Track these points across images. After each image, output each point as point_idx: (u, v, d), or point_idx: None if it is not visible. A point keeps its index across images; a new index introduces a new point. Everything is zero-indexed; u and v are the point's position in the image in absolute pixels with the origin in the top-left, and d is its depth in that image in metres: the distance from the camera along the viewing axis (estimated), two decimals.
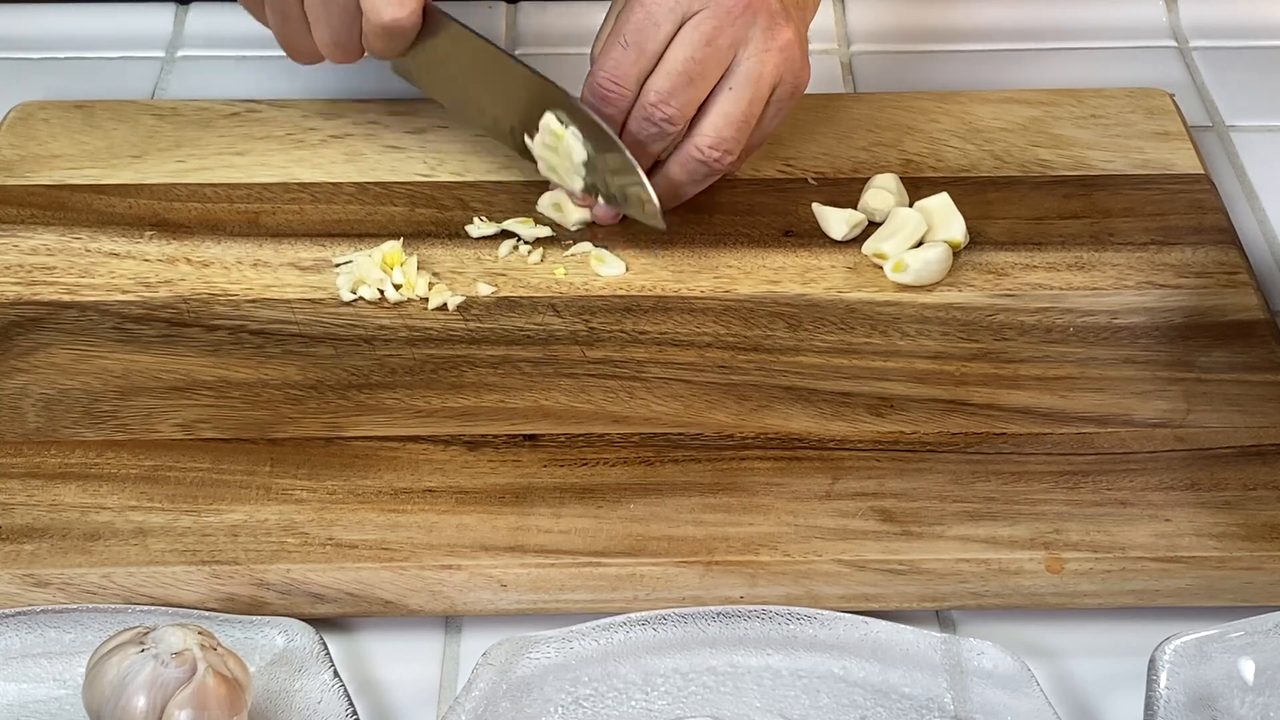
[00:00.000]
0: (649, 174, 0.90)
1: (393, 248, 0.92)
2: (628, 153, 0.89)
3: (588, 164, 0.90)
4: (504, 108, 0.93)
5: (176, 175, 0.99)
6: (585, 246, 0.93)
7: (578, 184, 0.91)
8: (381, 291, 0.90)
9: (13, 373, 0.86)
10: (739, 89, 0.89)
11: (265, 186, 0.98)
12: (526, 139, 0.92)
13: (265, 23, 0.93)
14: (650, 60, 0.89)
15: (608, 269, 0.91)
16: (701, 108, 0.89)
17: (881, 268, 0.92)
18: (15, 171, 0.99)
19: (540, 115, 0.91)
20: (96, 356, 0.87)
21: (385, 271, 0.91)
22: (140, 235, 0.94)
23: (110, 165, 0.99)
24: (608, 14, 0.93)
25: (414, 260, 0.91)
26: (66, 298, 0.90)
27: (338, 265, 0.92)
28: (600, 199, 0.92)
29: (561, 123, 0.90)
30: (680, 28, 0.88)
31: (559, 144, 0.90)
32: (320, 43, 0.91)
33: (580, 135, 0.90)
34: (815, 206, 0.95)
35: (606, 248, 0.92)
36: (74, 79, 1.12)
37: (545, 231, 0.93)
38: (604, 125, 0.89)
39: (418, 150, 1.00)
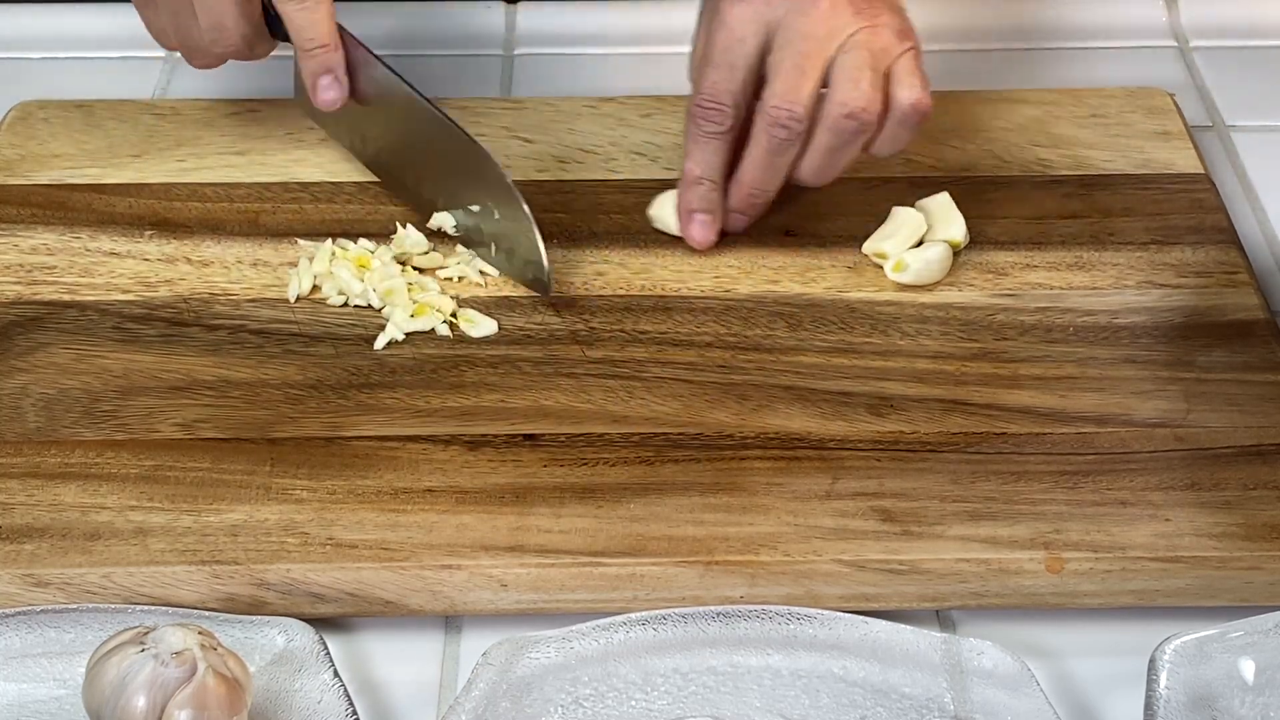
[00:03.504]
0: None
1: (359, 251, 0.92)
2: (532, 222, 0.89)
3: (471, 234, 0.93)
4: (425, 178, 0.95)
5: (176, 175, 0.99)
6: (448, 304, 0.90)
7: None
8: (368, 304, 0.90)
9: (13, 373, 0.86)
10: (852, 53, 0.88)
11: (265, 186, 0.98)
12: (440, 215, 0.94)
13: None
14: (744, 73, 0.90)
15: (479, 330, 0.89)
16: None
17: (881, 267, 0.92)
18: (15, 171, 0.99)
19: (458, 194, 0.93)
20: (96, 356, 0.87)
21: (357, 275, 0.90)
22: (140, 235, 0.94)
23: (110, 165, 1.00)
24: (696, 31, 0.93)
25: (393, 271, 0.91)
26: (66, 297, 0.90)
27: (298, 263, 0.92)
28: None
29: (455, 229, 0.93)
30: (768, 38, 0.89)
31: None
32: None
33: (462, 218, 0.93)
34: (653, 209, 0.95)
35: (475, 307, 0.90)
36: (74, 79, 1.12)
37: (418, 325, 0.89)
38: (515, 192, 0.90)
39: None
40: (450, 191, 0.93)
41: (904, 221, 0.93)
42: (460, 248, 0.93)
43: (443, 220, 0.93)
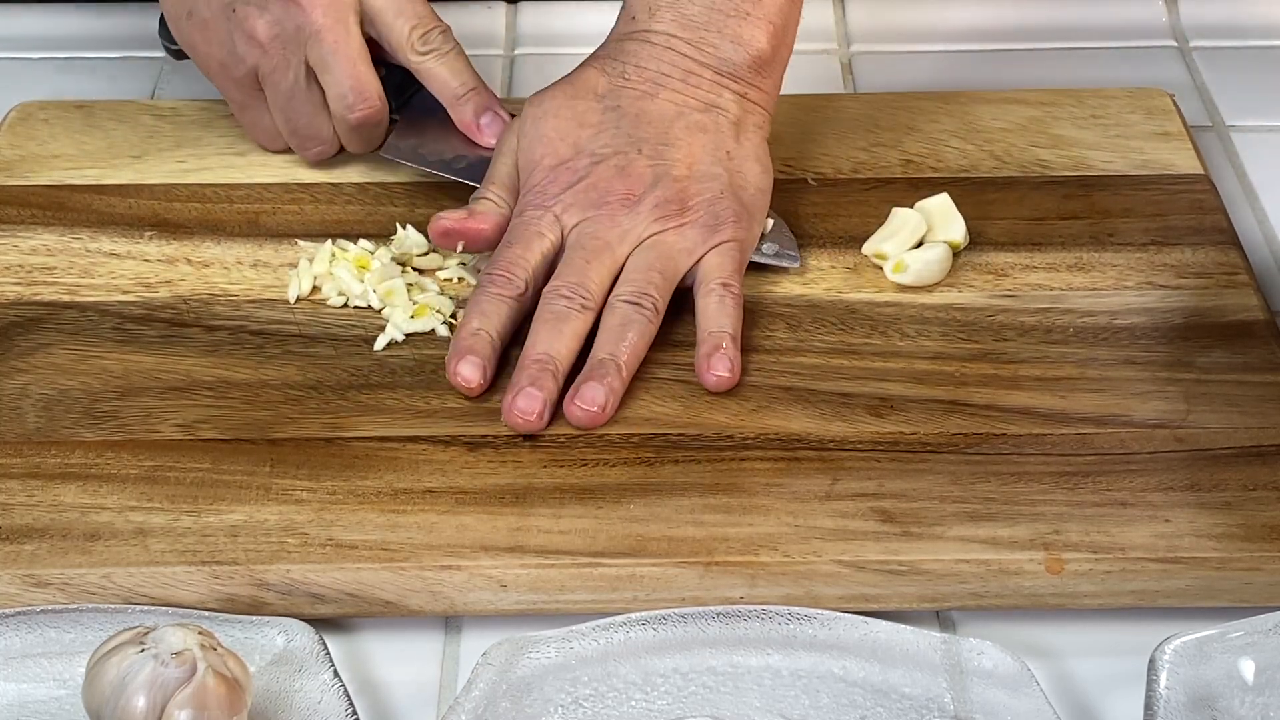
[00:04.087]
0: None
1: (358, 252, 0.92)
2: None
3: None
4: None
5: (176, 175, 0.99)
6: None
7: None
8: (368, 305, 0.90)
9: (13, 373, 0.86)
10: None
11: (265, 186, 0.98)
12: None
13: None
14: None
15: None
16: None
17: (881, 268, 0.92)
18: (15, 171, 0.99)
19: None
20: (96, 356, 0.87)
21: (357, 276, 0.90)
22: (140, 235, 0.94)
23: (110, 165, 1.00)
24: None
25: (394, 272, 0.91)
26: (66, 298, 0.90)
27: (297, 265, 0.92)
28: None
29: None
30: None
31: None
32: (287, 137, 0.97)
33: None
34: None
35: None
36: (74, 79, 1.12)
37: (417, 326, 0.89)
38: None
39: None
40: None
41: (904, 222, 0.93)
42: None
43: None
